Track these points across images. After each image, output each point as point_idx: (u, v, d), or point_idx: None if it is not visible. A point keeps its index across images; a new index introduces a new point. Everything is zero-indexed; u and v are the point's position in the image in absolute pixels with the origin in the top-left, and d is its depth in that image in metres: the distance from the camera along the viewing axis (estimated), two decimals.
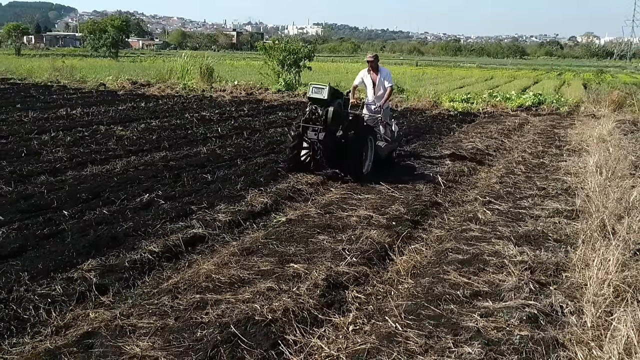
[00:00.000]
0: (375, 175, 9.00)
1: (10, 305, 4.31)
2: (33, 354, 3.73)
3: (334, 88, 8.60)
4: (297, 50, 24.77)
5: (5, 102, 16.88)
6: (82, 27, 75.64)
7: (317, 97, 8.29)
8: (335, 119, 8.33)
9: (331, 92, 8.28)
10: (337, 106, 8.40)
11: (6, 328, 4.02)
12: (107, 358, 3.70)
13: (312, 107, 8.51)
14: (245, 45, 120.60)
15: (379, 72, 10.01)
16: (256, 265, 5.30)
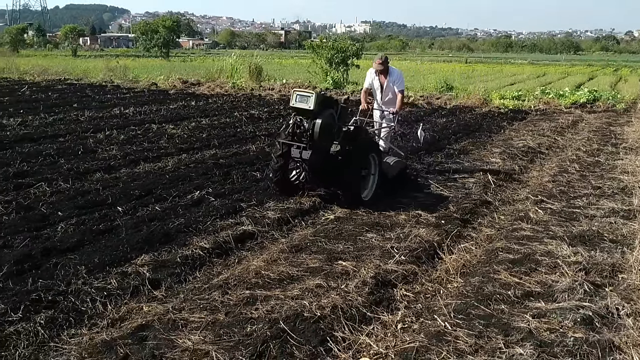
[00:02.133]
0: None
1: (68, 297, 4.46)
2: (90, 345, 3.85)
3: (325, 95, 7.28)
4: (345, 48, 24.77)
5: (63, 101, 17.45)
6: (135, 28, 77.55)
7: (302, 107, 6.72)
8: (324, 133, 6.79)
9: (319, 101, 6.72)
10: (328, 118, 6.86)
11: (65, 319, 4.16)
12: (160, 350, 3.79)
13: (297, 119, 6.88)
14: (294, 43, 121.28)
15: (388, 75, 8.85)
16: (305, 262, 5.33)
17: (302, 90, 6.83)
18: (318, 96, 6.72)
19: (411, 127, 13.07)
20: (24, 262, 5.07)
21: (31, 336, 3.91)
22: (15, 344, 3.81)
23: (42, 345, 3.85)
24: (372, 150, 7.53)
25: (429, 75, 30.96)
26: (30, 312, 4.21)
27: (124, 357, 3.72)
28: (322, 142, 6.86)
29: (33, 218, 6.32)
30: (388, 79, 8.84)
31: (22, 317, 4.12)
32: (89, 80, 25.34)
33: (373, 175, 7.52)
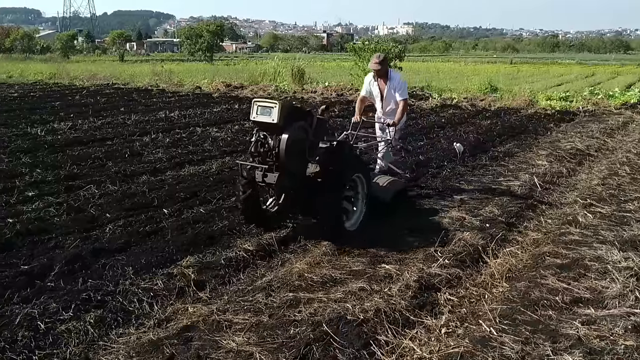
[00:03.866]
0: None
1: (117, 297, 4.57)
2: (137, 344, 3.94)
3: (293, 105, 6.02)
4: (388, 50, 24.66)
5: (111, 105, 17.89)
6: (180, 33, 78.87)
7: (264, 120, 5.48)
8: (292, 151, 5.53)
9: (286, 113, 5.49)
10: (297, 132, 5.64)
11: (113, 319, 4.26)
12: (205, 351, 3.85)
13: (260, 135, 5.60)
14: (336, 46, 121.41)
15: (388, 80, 7.70)
16: (348, 265, 5.33)
17: (264, 100, 5.59)
18: (284, 107, 5.46)
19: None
20: (75, 262, 5.22)
21: (81, 334, 4.02)
22: (67, 342, 3.92)
23: (92, 344, 3.95)
24: (357, 169, 6.30)
25: (472, 76, 30.58)
26: (80, 311, 4.33)
27: (170, 357, 3.79)
28: (290, 162, 5.55)
29: (83, 219, 6.50)
30: (388, 85, 7.70)
31: (72, 316, 4.24)
32: (136, 84, 25.88)
33: (360, 201, 6.40)
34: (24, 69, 34.18)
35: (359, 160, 6.72)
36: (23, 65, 38.64)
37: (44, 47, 73.30)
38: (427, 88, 22.60)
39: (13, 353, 3.71)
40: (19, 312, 4.23)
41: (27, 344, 3.84)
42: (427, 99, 19.83)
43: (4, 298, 4.48)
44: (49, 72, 31.05)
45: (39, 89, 23.99)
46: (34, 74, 31.43)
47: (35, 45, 73.45)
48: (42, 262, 5.23)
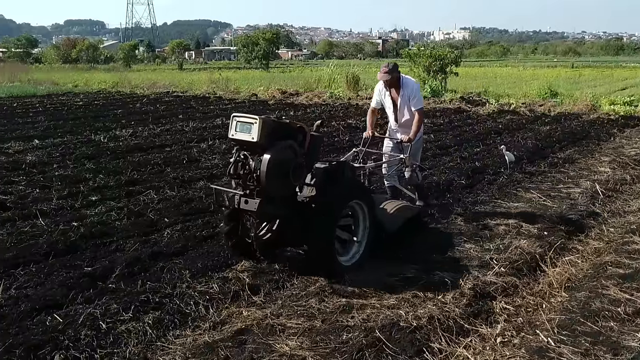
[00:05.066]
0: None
1: (174, 300, 4.69)
2: (193, 346, 4.03)
3: (279, 121, 5.01)
4: (443, 56, 24.43)
5: (169, 113, 18.36)
6: (237, 41, 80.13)
7: (243, 138, 4.80)
8: (275, 174, 4.72)
9: (269, 130, 4.74)
10: (282, 152, 4.82)
11: (171, 321, 4.37)
12: (258, 354, 3.90)
13: (240, 155, 4.91)
14: (391, 52, 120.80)
15: (401, 88, 6.88)
16: (401, 272, 5.30)
17: (244, 115, 4.84)
18: (266, 123, 4.72)
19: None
20: (134, 265, 5.38)
21: (140, 335, 4.14)
22: (127, 342, 4.05)
23: (150, 344, 4.06)
24: (356, 195, 5.42)
25: (531, 81, 29.88)
26: (139, 312, 4.46)
27: (224, 359, 3.86)
28: (273, 186, 4.75)
29: (142, 224, 6.70)
30: (402, 94, 6.88)
31: (132, 317, 4.37)
32: (194, 92, 26.47)
33: (360, 231, 5.55)
34: (89, 79, 35.47)
35: (359, 185, 5.94)
36: (88, 75, 40.11)
37: (108, 57, 75.83)
38: (483, 94, 22.24)
39: (76, 351, 3.85)
40: (82, 312, 4.39)
41: (90, 343, 3.98)
42: (483, 105, 19.51)
43: (69, 298, 4.66)
44: (112, 81, 32.12)
45: (102, 97, 24.85)
46: (98, 83, 32.57)
47: (100, 55, 76.05)
48: (104, 264, 5.42)
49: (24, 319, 4.29)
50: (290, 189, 5.05)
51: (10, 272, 5.22)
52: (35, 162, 10.20)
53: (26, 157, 10.74)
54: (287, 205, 5.08)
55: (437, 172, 9.44)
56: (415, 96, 6.81)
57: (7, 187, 8.37)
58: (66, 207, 7.40)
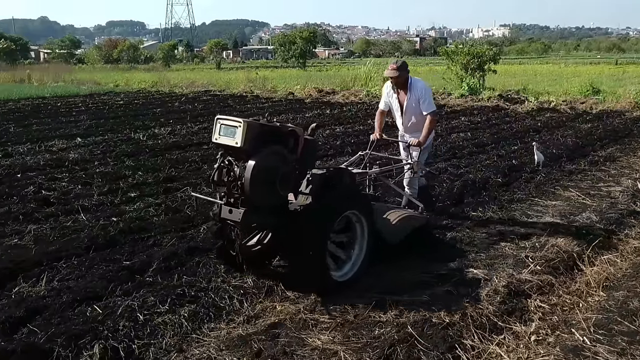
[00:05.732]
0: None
1: (209, 294, 4.77)
2: (227, 339, 4.10)
3: (267, 124, 4.53)
4: (482, 53, 24.14)
5: (207, 111, 18.62)
6: (274, 40, 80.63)
7: (227, 143, 4.42)
8: (262, 182, 4.34)
9: (254, 134, 4.37)
10: (269, 158, 4.42)
11: (205, 314, 4.46)
12: (291, 347, 3.95)
13: (224, 160, 4.53)
14: (429, 50, 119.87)
15: (409, 90, 6.47)
16: (435, 269, 5.30)
17: (228, 118, 4.49)
18: (250, 127, 4.34)
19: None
20: (171, 259, 5.49)
21: (176, 327, 4.23)
22: (163, 333, 4.15)
23: (186, 336, 4.15)
24: (352, 205, 4.93)
25: (572, 78, 29.30)
26: (175, 305, 4.55)
27: (257, 352, 3.92)
28: (258, 195, 4.36)
29: (179, 219, 6.83)
30: (409, 96, 6.47)
31: (168, 309, 4.47)
32: (231, 91, 26.76)
33: (358, 244, 5.07)
34: (129, 78, 36.17)
35: (356, 193, 5.28)
36: (128, 75, 40.90)
37: (147, 57, 77.09)
38: (522, 91, 21.89)
39: (115, 341, 3.96)
40: (121, 304, 4.51)
41: (128, 333, 4.09)
42: (522, 103, 19.21)
43: (108, 290, 4.79)
44: (152, 81, 32.69)
45: (142, 96, 25.33)
46: (138, 82, 33.20)
47: (140, 55, 77.36)
48: (142, 258, 5.55)
49: (65, 310, 4.44)
50: (278, 198, 4.56)
51: (54, 264, 5.39)
52: (77, 160, 10.48)
53: (69, 154, 11.05)
54: (276, 215, 4.64)
55: (472, 170, 9.35)
56: (426, 99, 6.40)
57: (51, 184, 8.63)
58: (106, 203, 7.59)
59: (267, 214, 4.59)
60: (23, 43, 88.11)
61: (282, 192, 4.52)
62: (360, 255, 5.06)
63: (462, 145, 11.74)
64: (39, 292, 4.79)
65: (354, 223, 5.03)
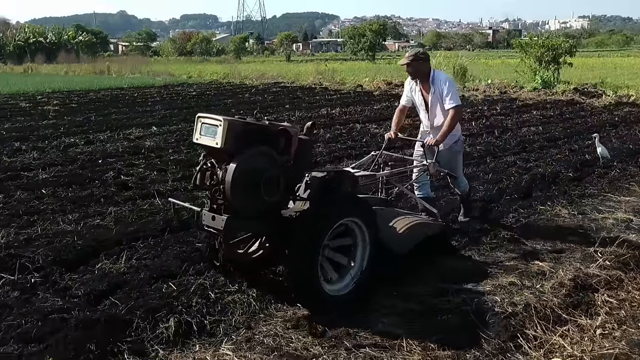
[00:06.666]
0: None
1: (277, 277, 4.96)
2: (293, 319, 4.24)
3: (252, 122, 4.09)
4: (557, 45, 23.42)
5: (277, 103, 18.95)
6: (343, 33, 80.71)
7: (208, 143, 4.04)
8: (244, 187, 3.95)
9: (237, 133, 3.95)
10: (253, 160, 4.02)
11: (273, 296, 4.61)
12: (354, 329, 4.07)
13: (207, 162, 4.15)
14: (502, 43, 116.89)
15: (432, 84, 5.85)
16: (499, 260, 5.31)
17: (209, 116, 4.07)
18: (232, 125, 3.92)
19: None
20: None
21: (245, 306, 4.42)
22: (232, 311, 4.35)
23: (253, 315, 4.34)
24: (351, 212, 4.47)
25: None
26: (244, 286, 4.75)
27: (322, 332, 4.06)
28: (240, 200, 3.97)
29: None
30: (432, 91, 5.85)
31: (238, 289, 4.66)
32: (300, 83, 27.05)
33: (358, 255, 4.63)
34: (202, 70, 37.13)
35: (356, 198, 4.69)
36: (201, 67, 42.01)
37: (219, 50, 78.87)
38: (600, 85, 21.14)
39: (188, 316, 4.20)
40: (194, 282, 4.75)
41: (200, 310, 4.32)
42: (599, 97, 18.56)
43: (182, 269, 5.04)
44: (223, 73, 33.46)
45: (214, 88, 26.00)
46: (210, 74, 34.05)
47: (212, 48, 79.25)
48: None
49: (143, 286, 4.72)
50: (263, 204, 4.08)
51: (132, 244, 5.72)
52: (153, 147, 10.96)
53: (145, 142, 11.56)
54: (265, 222, 4.27)
55: (542, 164, 9.18)
56: (449, 92, 5.72)
57: (129, 169, 9.08)
58: (180, 188, 7.94)
59: (252, 221, 4.23)
60: (103, 36, 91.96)
61: (267, 197, 4.02)
62: (361, 267, 4.60)
63: (533, 139, 11.51)
64: (119, 268, 5.11)
65: (353, 232, 4.56)
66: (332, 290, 4.46)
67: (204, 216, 4.12)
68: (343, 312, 4.29)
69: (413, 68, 5.79)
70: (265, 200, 4.04)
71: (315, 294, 4.30)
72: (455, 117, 5.74)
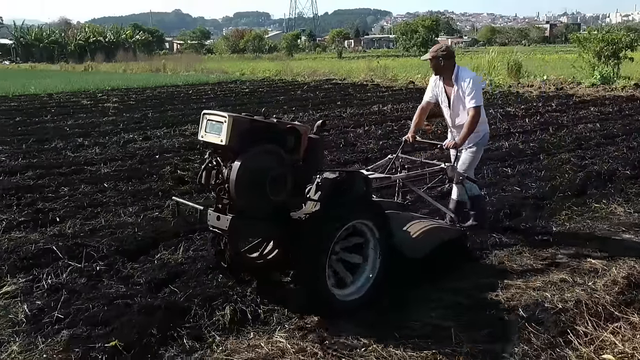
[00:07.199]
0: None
1: None
2: None
3: (259, 119, 4.03)
4: (617, 39, 22.74)
5: (328, 100, 19.09)
6: (395, 29, 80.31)
7: (213, 140, 3.97)
8: (249, 186, 3.84)
9: (243, 130, 3.88)
10: (259, 158, 3.90)
11: None
12: (400, 323, 4.17)
13: (212, 160, 4.08)
14: (559, 37, 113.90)
15: (455, 81, 5.63)
16: (550, 256, 5.29)
17: (214, 112, 3.99)
18: (237, 122, 3.84)
19: None
20: None
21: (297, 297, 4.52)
22: (285, 302, 4.46)
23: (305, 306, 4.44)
24: (362, 214, 4.32)
25: None
26: None
27: (371, 324, 4.17)
28: (245, 200, 3.87)
29: None
30: (455, 89, 5.63)
31: (290, 281, 4.81)
32: (352, 79, 27.12)
33: (370, 259, 4.46)
34: (254, 67, 37.66)
35: (366, 200, 4.55)
36: (253, 64, 42.58)
37: (272, 47, 79.69)
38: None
39: (243, 305, 4.33)
40: None
41: (254, 299, 4.43)
42: None
43: None
44: (275, 70, 33.84)
45: (266, 85, 26.36)
46: (262, 71, 34.49)
47: (264, 45, 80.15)
48: None
49: (200, 275, 4.92)
50: (269, 204, 3.96)
51: (189, 236, 5.95)
52: None
53: None
54: (273, 224, 4.17)
55: (598, 161, 9.01)
56: (472, 91, 5.48)
57: (185, 164, 9.38)
58: None
59: (259, 222, 4.10)
60: (159, 35, 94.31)
61: (273, 196, 3.89)
62: (373, 272, 4.44)
63: (589, 136, 11.29)
64: (177, 259, 5.34)
65: (364, 235, 4.41)
66: (341, 295, 4.30)
67: (209, 216, 4.02)
68: (394, 304, 4.39)
69: (436, 64, 5.61)
70: (272, 200, 3.92)
71: (324, 300, 4.17)
72: (476, 118, 5.49)
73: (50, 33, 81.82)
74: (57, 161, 9.93)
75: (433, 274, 4.78)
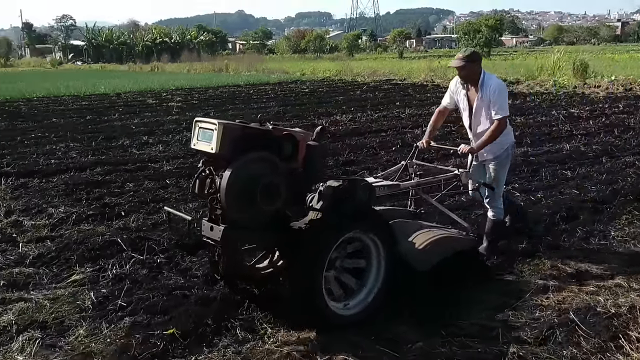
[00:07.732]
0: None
1: None
2: None
3: (251, 126, 3.93)
4: None
5: (387, 100, 19.10)
6: (458, 29, 79.16)
7: (204, 149, 3.85)
8: (240, 195, 3.71)
9: (234, 138, 3.76)
10: (252, 165, 3.77)
11: None
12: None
13: (205, 169, 3.98)
14: (632, 36, 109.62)
15: (480, 88, 5.23)
16: (605, 260, 5.21)
17: (205, 120, 3.89)
18: (227, 130, 3.72)
19: None
20: None
21: None
22: None
23: None
24: (363, 224, 4.12)
25: None
26: None
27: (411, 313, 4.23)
28: (236, 209, 3.74)
29: None
30: (480, 95, 5.23)
31: None
32: (412, 80, 26.98)
33: (372, 272, 4.27)
34: (315, 67, 37.92)
35: (366, 210, 4.21)
36: (314, 64, 42.85)
37: (332, 47, 79.94)
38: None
39: None
40: None
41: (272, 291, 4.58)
42: None
43: None
44: (335, 70, 34.01)
45: (325, 85, 26.56)
46: (322, 71, 34.72)
47: (325, 45, 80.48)
48: None
49: None
50: (262, 213, 3.81)
51: None
52: None
53: None
54: (269, 234, 4.02)
55: None
56: (499, 101, 5.11)
57: None
58: None
59: (253, 232, 3.96)
60: (222, 35, 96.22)
61: (265, 206, 3.74)
62: (376, 286, 4.24)
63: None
64: None
65: (367, 246, 4.21)
66: (341, 308, 4.14)
67: (203, 226, 3.96)
68: (438, 303, 4.42)
69: (467, 71, 5.19)
70: (265, 210, 3.77)
71: (321, 313, 3.98)
72: (499, 129, 5.13)
73: (120, 35, 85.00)
74: (123, 158, 10.39)
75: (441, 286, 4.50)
